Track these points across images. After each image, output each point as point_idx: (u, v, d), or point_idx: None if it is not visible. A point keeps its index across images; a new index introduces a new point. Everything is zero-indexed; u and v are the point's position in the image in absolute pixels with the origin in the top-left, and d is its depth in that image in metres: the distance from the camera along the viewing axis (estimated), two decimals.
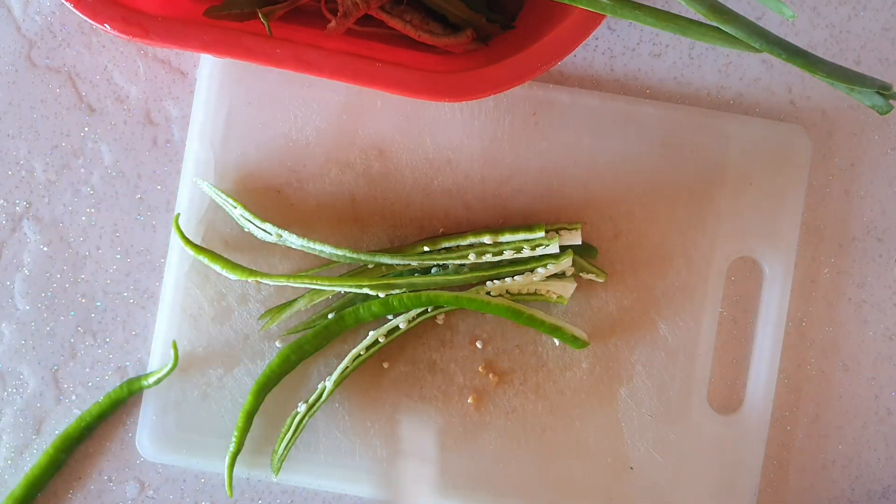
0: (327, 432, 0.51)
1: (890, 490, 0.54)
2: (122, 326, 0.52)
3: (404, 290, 0.49)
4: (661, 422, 0.51)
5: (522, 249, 0.49)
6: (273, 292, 0.51)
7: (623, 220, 0.52)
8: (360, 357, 0.50)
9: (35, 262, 0.52)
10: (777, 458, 0.53)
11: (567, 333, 0.50)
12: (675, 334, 0.52)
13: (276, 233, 0.48)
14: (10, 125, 0.51)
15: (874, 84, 0.39)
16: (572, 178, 0.51)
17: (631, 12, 0.40)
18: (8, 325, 0.51)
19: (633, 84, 0.53)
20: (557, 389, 0.51)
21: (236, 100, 0.50)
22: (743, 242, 0.52)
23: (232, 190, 0.50)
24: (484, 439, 0.51)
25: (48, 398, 0.51)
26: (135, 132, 0.52)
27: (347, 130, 0.51)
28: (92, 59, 0.52)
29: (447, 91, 0.42)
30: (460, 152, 0.51)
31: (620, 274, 0.52)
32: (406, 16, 0.46)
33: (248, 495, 0.52)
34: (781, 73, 0.53)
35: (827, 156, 0.54)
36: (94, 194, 0.52)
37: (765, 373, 0.52)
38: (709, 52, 0.53)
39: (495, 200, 0.51)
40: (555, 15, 0.43)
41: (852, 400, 0.53)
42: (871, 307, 0.54)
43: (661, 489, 0.51)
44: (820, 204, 0.54)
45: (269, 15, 0.44)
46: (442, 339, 0.51)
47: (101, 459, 0.52)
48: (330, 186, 0.51)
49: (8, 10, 0.51)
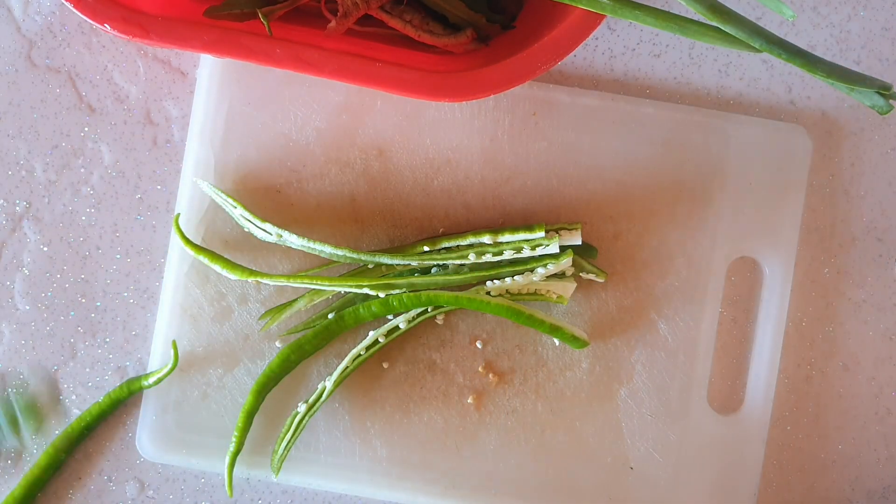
0: (327, 432, 0.51)
1: (890, 490, 0.54)
2: (122, 326, 0.52)
3: (404, 290, 0.49)
4: (661, 422, 0.51)
5: (522, 249, 0.49)
6: (273, 292, 0.51)
7: (623, 220, 0.52)
8: (360, 357, 0.50)
9: (35, 262, 0.52)
10: (777, 458, 0.53)
11: (567, 333, 0.50)
12: (675, 334, 0.52)
13: (276, 233, 0.48)
14: (10, 125, 0.51)
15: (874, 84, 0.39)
16: (572, 178, 0.51)
17: (631, 12, 0.40)
18: (8, 325, 0.51)
19: (633, 84, 0.53)
20: (557, 389, 0.51)
21: (236, 100, 0.50)
22: (743, 242, 0.52)
23: (232, 190, 0.50)
24: (484, 439, 0.51)
25: (48, 398, 0.51)
26: (135, 132, 0.52)
27: (347, 130, 0.51)
28: (92, 59, 0.52)
29: (447, 91, 0.42)
30: (460, 152, 0.51)
31: (620, 274, 0.52)
32: (406, 16, 0.46)
33: (248, 495, 0.52)
34: (781, 73, 0.53)
35: (827, 156, 0.54)
36: (94, 194, 0.52)
37: (765, 373, 0.52)
38: (709, 52, 0.53)
39: (495, 200, 0.51)
40: (555, 15, 0.43)
41: (852, 400, 0.53)
42: (871, 307, 0.54)
43: (661, 489, 0.51)
44: (820, 204, 0.54)
45: (269, 15, 0.44)
46: (442, 339, 0.51)
47: (101, 459, 0.52)
48: (330, 186, 0.51)
49: (8, 10, 0.51)
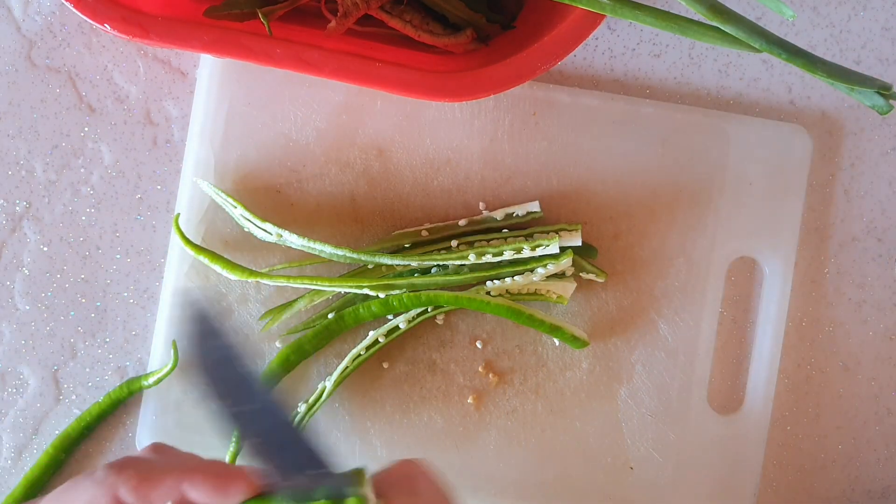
0: (327, 432, 0.51)
1: (890, 490, 0.54)
2: (122, 326, 0.52)
3: (404, 290, 0.49)
4: (661, 422, 0.51)
5: (522, 249, 0.49)
6: (273, 292, 0.51)
7: (623, 220, 0.52)
8: (360, 357, 0.50)
9: (35, 262, 0.52)
10: (777, 458, 0.53)
11: (567, 333, 0.50)
12: (675, 334, 0.52)
13: (276, 233, 0.48)
14: (10, 125, 0.51)
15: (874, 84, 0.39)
16: (572, 178, 0.51)
17: (631, 12, 0.40)
18: (8, 325, 0.51)
19: (633, 84, 0.53)
20: (557, 389, 0.51)
21: (236, 100, 0.50)
22: (743, 242, 0.52)
23: (232, 190, 0.50)
24: (484, 439, 0.51)
25: (48, 398, 0.51)
26: (135, 132, 0.52)
27: (347, 130, 0.51)
28: (92, 59, 0.52)
29: (447, 91, 0.42)
30: (460, 152, 0.51)
31: (620, 274, 0.52)
32: (406, 16, 0.46)
33: None
34: (781, 73, 0.53)
35: (827, 156, 0.54)
36: (94, 194, 0.52)
37: (765, 373, 0.52)
38: (709, 52, 0.53)
39: (495, 200, 0.51)
40: (555, 15, 0.43)
41: (852, 400, 0.53)
42: (871, 307, 0.54)
43: (661, 489, 0.51)
44: (820, 204, 0.54)
45: (269, 15, 0.44)
46: (442, 339, 0.51)
47: (101, 459, 0.52)
48: (330, 186, 0.51)
49: (8, 10, 0.51)
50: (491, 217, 0.50)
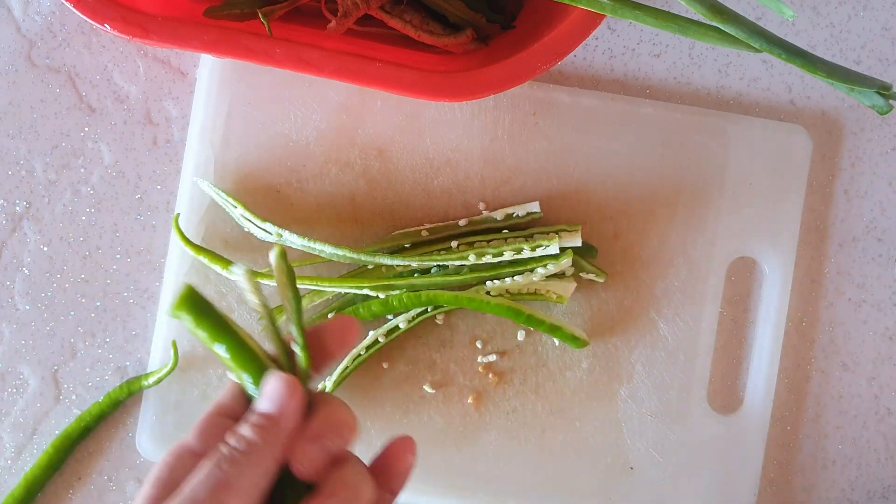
0: None
1: (890, 490, 0.54)
2: (122, 326, 0.52)
3: (404, 290, 0.49)
4: (661, 422, 0.51)
5: (522, 250, 0.49)
6: (273, 292, 0.51)
7: (623, 220, 0.52)
8: (359, 357, 0.50)
9: (35, 262, 0.52)
10: (777, 458, 0.53)
11: (567, 333, 0.50)
12: (675, 334, 0.52)
13: (276, 233, 0.48)
14: (10, 125, 0.51)
15: (874, 84, 0.39)
16: (572, 178, 0.51)
17: (631, 12, 0.40)
18: (8, 325, 0.51)
19: (633, 84, 0.53)
20: (557, 389, 0.51)
21: (236, 100, 0.50)
22: (743, 242, 0.52)
23: (232, 190, 0.50)
24: (484, 439, 0.51)
25: (48, 398, 0.51)
26: (135, 132, 0.52)
27: (347, 130, 0.51)
28: (92, 59, 0.52)
29: (447, 91, 0.42)
30: (460, 152, 0.51)
31: (620, 274, 0.52)
32: (406, 16, 0.46)
33: None
34: (781, 73, 0.53)
35: (827, 156, 0.54)
36: (94, 194, 0.52)
37: (765, 373, 0.52)
38: (709, 52, 0.53)
39: (495, 200, 0.51)
40: (555, 15, 0.43)
41: (852, 400, 0.53)
42: (871, 307, 0.54)
43: (661, 489, 0.51)
44: (820, 204, 0.54)
45: (269, 15, 0.44)
46: (442, 339, 0.51)
47: (101, 459, 0.52)
48: (330, 186, 0.51)
49: (8, 10, 0.51)
50: (491, 217, 0.50)
